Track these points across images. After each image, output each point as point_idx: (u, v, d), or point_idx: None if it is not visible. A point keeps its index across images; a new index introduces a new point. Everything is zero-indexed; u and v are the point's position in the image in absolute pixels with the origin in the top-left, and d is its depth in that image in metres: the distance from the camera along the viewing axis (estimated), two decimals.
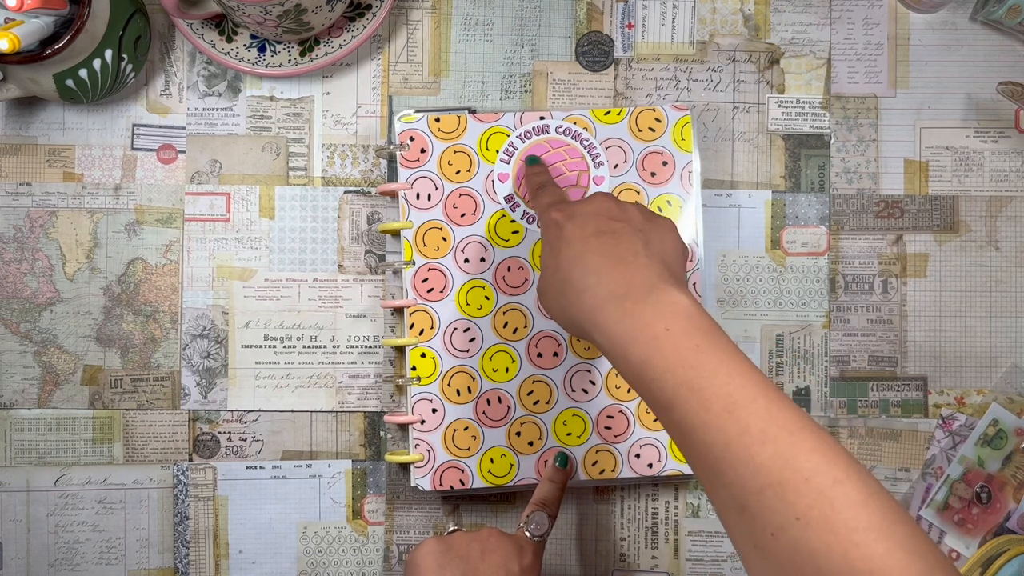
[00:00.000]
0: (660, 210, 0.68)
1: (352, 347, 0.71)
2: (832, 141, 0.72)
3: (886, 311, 0.71)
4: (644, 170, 0.68)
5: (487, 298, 0.67)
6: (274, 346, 0.70)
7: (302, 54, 0.69)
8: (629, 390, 0.67)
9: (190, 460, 0.70)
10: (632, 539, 0.71)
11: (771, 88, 0.72)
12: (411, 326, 0.67)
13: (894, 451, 0.71)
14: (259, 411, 0.71)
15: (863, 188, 0.72)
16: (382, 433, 0.71)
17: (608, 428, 0.67)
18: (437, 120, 0.68)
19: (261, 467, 0.71)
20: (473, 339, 0.67)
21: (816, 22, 0.72)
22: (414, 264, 0.67)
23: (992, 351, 0.72)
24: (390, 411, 0.70)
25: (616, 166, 0.68)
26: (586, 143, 0.68)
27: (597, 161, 0.68)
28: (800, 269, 0.71)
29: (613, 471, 0.67)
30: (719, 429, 0.44)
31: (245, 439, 0.70)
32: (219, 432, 0.70)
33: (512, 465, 0.67)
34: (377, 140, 0.71)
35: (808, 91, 0.72)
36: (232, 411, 0.70)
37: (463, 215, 0.67)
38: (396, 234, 0.69)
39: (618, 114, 0.68)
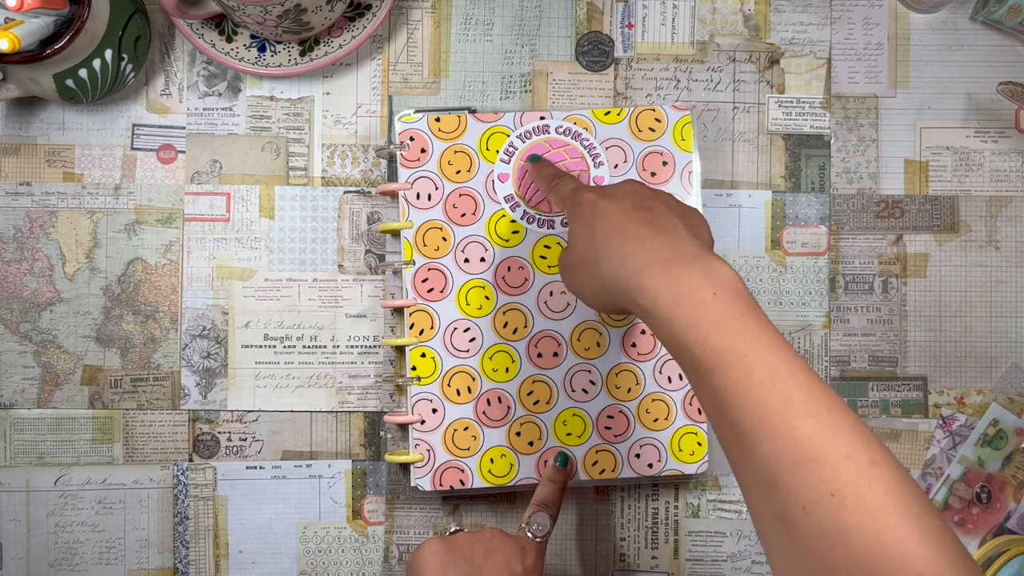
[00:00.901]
0: None
1: (352, 347, 0.71)
2: (832, 141, 0.72)
3: (886, 311, 0.71)
4: (644, 170, 0.68)
5: (487, 298, 0.67)
6: (274, 346, 0.70)
7: (302, 54, 0.69)
8: (629, 390, 0.67)
9: (190, 460, 0.70)
10: (632, 539, 0.71)
11: (771, 88, 0.72)
12: (411, 326, 0.67)
13: (894, 451, 0.71)
14: (259, 411, 0.71)
15: (863, 188, 0.72)
16: (382, 433, 0.71)
17: (608, 428, 0.67)
18: (437, 120, 0.68)
19: (261, 467, 0.71)
20: (473, 339, 0.67)
21: (816, 22, 0.72)
22: (414, 264, 0.67)
23: (992, 351, 0.72)
24: (390, 411, 0.70)
25: (616, 166, 0.68)
26: (586, 143, 0.68)
27: (597, 161, 0.68)
28: (800, 269, 0.71)
29: (613, 471, 0.67)
30: (760, 398, 0.43)
31: (245, 439, 0.70)
32: (219, 432, 0.70)
33: (512, 465, 0.67)
34: (377, 140, 0.71)
35: (808, 91, 0.72)
36: (232, 411, 0.70)
37: (463, 215, 0.67)
38: (396, 234, 0.69)
39: (618, 114, 0.68)
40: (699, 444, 0.67)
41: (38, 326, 0.70)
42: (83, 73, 0.63)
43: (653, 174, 0.68)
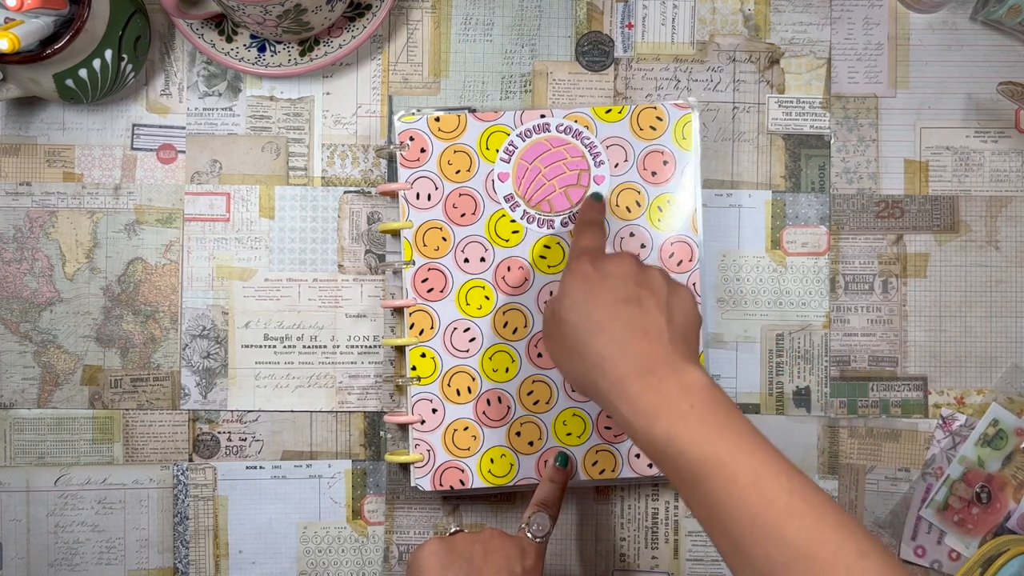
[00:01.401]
0: (660, 209, 0.68)
1: (352, 347, 0.71)
2: (832, 141, 0.72)
3: (886, 311, 0.71)
4: (645, 169, 0.68)
5: (487, 298, 0.67)
6: (274, 346, 0.70)
7: (302, 54, 0.69)
8: None
9: (190, 460, 0.70)
10: (632, 539, 0.71)
11: (771, 88, 0.72)
12: (411, 326, 0.67)
13: (894, 451, 0.71)
14: (259, 411, 0.71)
15: (863, 188, 0.72)
16: (382, 433, 0.71)
17: (608, 428, 0.67)
18: (437, 120, 0.68)
19: (261, 467, 0.71)
20: (473, 339, 0.67)
21: (816, 22, 0.72)
22: (414, 264, 0.67)
23: (992, 351, 0.72)
24: (390, 411, 0.70)
25: (616, 165, 0.68)
26: (587, 141, 0.68)
27: (598, 160, 0.68)
28: (800, 269, 0.71)
29: (613, 471, 0.67)
30: (746, 503, 0.46)
31: (245, 439, 0.70)
32: (219, 432, 0.70)
33: (512, 465, 0.67)
34: (377, 140, 0.71)
35: (808, 91, 0.72)
36: (232, 411, 0.70)
37: (463, 215, 0.67)
38: (396, 234, 0.69)
39: (619, 112, 0.68)
40: None
41: (38, 326, 0.70)
42: (83, 73, 0.63)
43: (654, 173, 0.68)
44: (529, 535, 0.60)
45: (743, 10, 0.72)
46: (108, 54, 0.63)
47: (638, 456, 0.67)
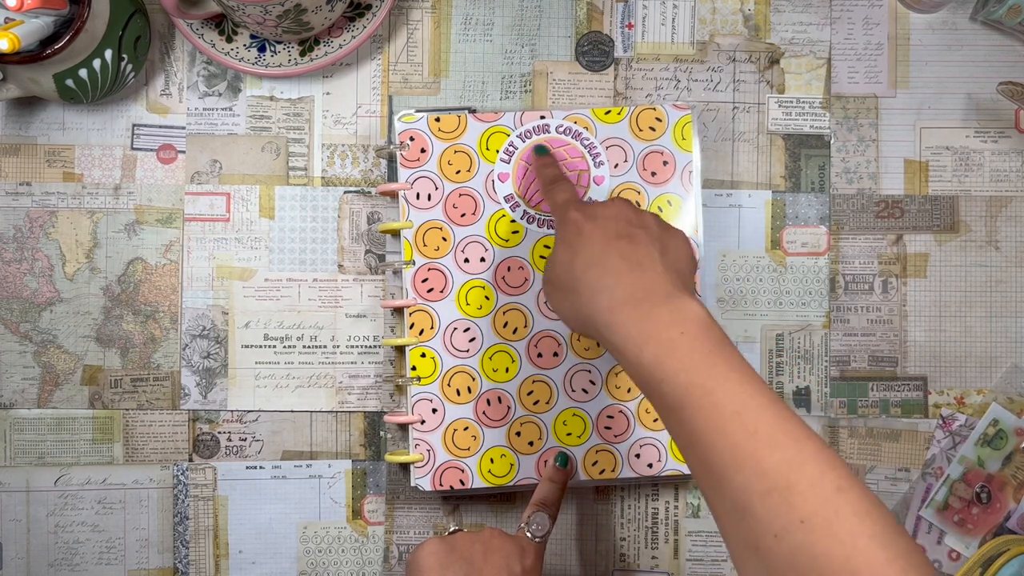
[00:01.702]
0: (661, 210, 0.68)
1: (352, 347, 0.71)
2: (832, 141, 0.72)
3: (886, 311, 0.71)
4: (644, 170, 0.68)
5: (487, 298, 0.67)
6: (274, 346, 0.70)
7: (302, 54, 0.69)
8: (629, 390, 0.67)
9: (190, 460, 0.70)
10: (632, 539, 0.71)
11: (771, 88, 0.72)
12: (411, 326, 0.67)
13: (894, 451, 0.71)
14: (259, 411, 0.71)
15: (863, 188, 0.72)
16: (382, 433, 0.71)
17: (608, 428, 0.67)
18: (437, 120, 0.68)
19: (261, 467, 0.71)
20: (473, 339, 0.67)
21: (816, 22, 0.72)
22: (414, 264, 0.67)
23: (992, 351, 0.72)
24: (390, 411, 0.70)
25: (616, 165, 0.68)
26: (586, 142, 0.68)
27: (597, 161, 0.68)
28: (800, 269, 0.71)
29: (613, 471, 0.67)
30: (728, 432, 0.45)
31: (245, 439, 0.70)
32: (219, 432, 0.70)
33: (512, 465, 0.67)
34: (377, 140, 0.71)
35: (808, 91, 0.72)
36: (232, 411, 0.70)
37: (463, 215, 0.67)
38: (396, 234, 0.69)
39: (619, 113, 0.68)
40: None
41: (38, 326, 0.70)
42: (83, 73, 0.63)
43: (653, 173, 0.68)
44: (528, 535, 0.60)
45: (743, 10, 0.72)
46: (108, 54, 0.63)
47: (638, 456, 0.67)
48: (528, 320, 0.67)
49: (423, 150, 0.67)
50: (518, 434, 0.67)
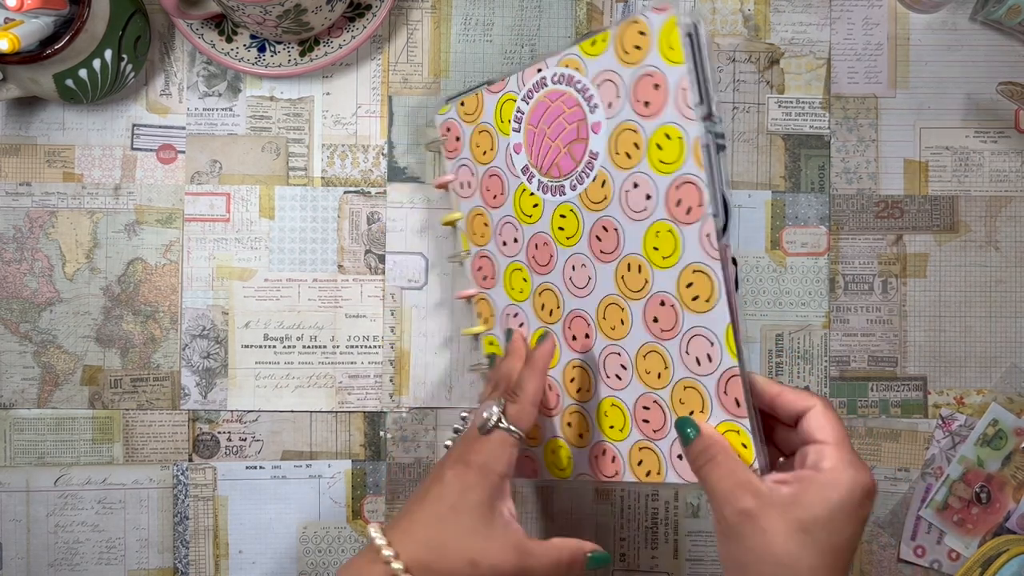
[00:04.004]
0: (660, 147, 0.60)
1: (352, 347, 0.71)
2: (832, 141, 0.72)
3: (886, 311, 0.71)
4: (637, 101, 0.60)
5: (525, 280, 0.66)
6: (274, 346, 0.70)
7: (302, 54, 0.69)
8: (659, 375, 0.61)
9: (190, 460, 0.70)
10: (632, 539, 0.71)
11: (771, 88, 0.72)
12: (478, 315, 0.69)
13: (894, 451, 0.71)
14: (259, 411, 0.71)
15: (863, 188, 0.72)
16: (382, 433, 0.71)
17: (646, 421, 0.62)
18: (462, 104, 0.68)
19: (261, 467, 0.71)
20: (522, 324, 0.67)
21: (816, 22, 0.72)
22: (470, 254, 0.68)
23: (992, 351, 0.72)
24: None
25: (610, 104, 0.62)
26: (579, 86, 0.63)
27: (592, 104, 0.62)
28: (800, 269, 0.71)
29: (659, 474, 0.62)
30: None
31: (245, 439, 0.70)
32: (219, 432, 0.70)
33: (569, 458, 0.65)
34: (377, 140, 0.71)
35: (808, 91, 0.72)
36: (232, 411, 0.70)
37: (495, 196, 0.67)
38: (454, 225, 0.70)
39: (603, 40, 0.61)
40: (743, 446, 0.55)
41: (38, 326, 0.70)
42: (83, 73, 0.63)
43: (647, 104, 0.60)
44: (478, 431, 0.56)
45: (743, 10, 0.72)
46: (108, 54, 0.63)
47: (680, 458, 0.61)
48: (559, 300, 0.65)
49: (457, 138, 0.68)
50: (569, 424, 0.65)
